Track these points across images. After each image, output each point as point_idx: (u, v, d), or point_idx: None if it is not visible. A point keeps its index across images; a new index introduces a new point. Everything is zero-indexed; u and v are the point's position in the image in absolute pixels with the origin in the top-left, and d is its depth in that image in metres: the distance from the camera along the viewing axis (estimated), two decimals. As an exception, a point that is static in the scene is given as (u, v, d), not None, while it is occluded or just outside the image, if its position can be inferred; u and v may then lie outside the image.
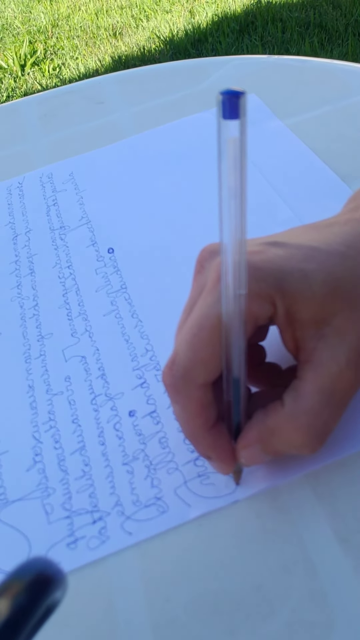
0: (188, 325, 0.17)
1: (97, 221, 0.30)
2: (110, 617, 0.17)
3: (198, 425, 0.17)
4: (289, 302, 0.16)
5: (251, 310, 0.16)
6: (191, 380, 0.16)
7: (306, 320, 0.16)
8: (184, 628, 0.16)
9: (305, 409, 0.16)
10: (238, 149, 0.13)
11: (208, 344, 0.16)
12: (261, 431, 0.17)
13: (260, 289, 0.16)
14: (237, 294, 0.15)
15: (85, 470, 0.20)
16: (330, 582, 0.16)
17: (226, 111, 0.12)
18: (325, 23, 1.40)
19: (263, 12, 1.50)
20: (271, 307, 0.16)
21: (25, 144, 0.38)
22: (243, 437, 0.17)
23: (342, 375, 0.16)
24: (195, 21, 1.59)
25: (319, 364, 0.16)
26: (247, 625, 0.16)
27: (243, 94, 0.12)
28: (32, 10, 1.96)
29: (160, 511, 0.18)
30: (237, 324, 0.16)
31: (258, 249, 0.17)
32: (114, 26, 1.72)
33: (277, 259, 0.16)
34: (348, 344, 0.16)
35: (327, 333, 0.16)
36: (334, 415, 0.16)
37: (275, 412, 0.16)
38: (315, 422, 0.16)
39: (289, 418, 0.16)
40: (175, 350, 0.17)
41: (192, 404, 0.16)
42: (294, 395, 0.16)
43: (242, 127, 0.12)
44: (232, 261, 0.15)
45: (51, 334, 0.25)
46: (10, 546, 0.18)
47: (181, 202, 0.30)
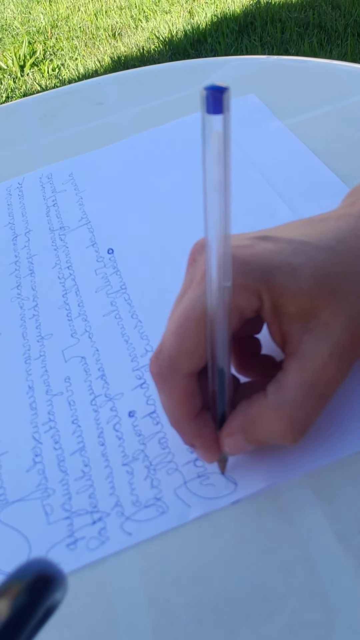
0: (175, 316, 0.17)
1: (96, 222, 0.30)
2: (110, 617, 0.17)
3: (183, 413, 0.17)
4: (275, 296, 0.16)
5: (237, 303, 0.16)
6: (176, 369, 0.16)
7: (292, 314, 0.16)
8: (184, 628, 0.16)
9: (288, 400, 0.16)
10: (222, 143, 0.13)
11: (193, 334, 0.16)
12: (244, 421, 0.17)
13: (247, 282, 0.16)
14: (222, 286, 0.15)
15: (85, 471, 0.20)
16: (331, 582, 0.16)
17: (210, 106, 0.12)
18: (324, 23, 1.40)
19: (262, 12, 1.51)
20: (257, 301, 0.16)
21: (24, 145, 0.38)
22: (227, 426, 0.17)
23: (325, 368, 0.16)
24: (195, 22, 1.59)
25: (302, 357, 0.16)
26: (247, 626, 0.16)
27: (227, 89, 0.12)
28: (32, 11, 1.97)
29: (160, 512, 0.18)
30: (221, 315, 0.16)
31: (247, 242, 0.17)
32: (113, 27, 1.72)
33: (265, 252, 0.17)
34: (333, 337, 0.16)
35: (313, 327, 0.16)
36: (315, 407, 0.17)
37: (259, 402, 0.17)
38: (296, 413, 0.16)
39: (271, 408, 0.16)
40: (162, 340, 0.17)
41: (177, 393, 0.17)
42: (277, 386, 0.17)
43: (226, 121, 0.13)
44: (217, 254, 0.15)
45: (51, 334, 0.25)
46: (10, 547, 0.18)
47: (181, 202, 0.30)
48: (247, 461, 0.19)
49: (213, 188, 0.14)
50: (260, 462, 0.19)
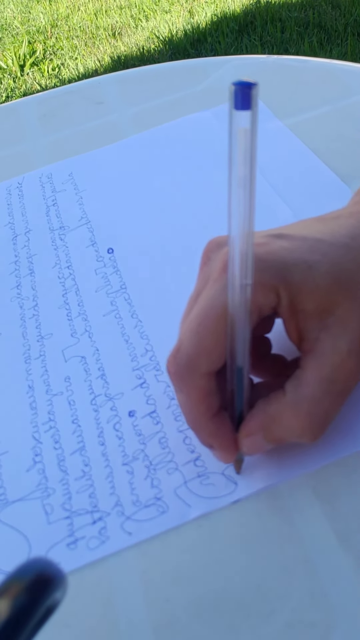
0: (193, 315, 0.17)
1: (96, 221, 0.30)
2: (110, 617, 0.17)
3: (201, 413, 0.17)
4: (292, 293, 0.16)
5: (255, 301, 0.16)
6: (195, 368, 0.16)
7: (309, 311, 0.16)
8: (184, 628, 0.16)
9: (307, 397, 0.16)
10: (249, 139, 0.13)
11: (213, 333, 0.16)
12: (263, 419, 0.17)
13: (265, 280, 0.16)
14: (244, 284, 0.15)
15: (85, 471, 0.20)
16: (331, 582, 0.16)
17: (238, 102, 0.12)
18: (324, 23, 1.40)
19: (262, 12, 1.50)
20: (275, 298, 0.16)
21: (24, 144, 0.38)
22: (245, 425, 0.17)
23: (343, 365, 0.16)
24: (195, 21, 1.59)
25: (321, 354, 0.16)
26: (247, 625, 0.16)
27: (255, 85, 0.12)
28: (31, 10, 1.96)
29: (160, 511, 0.18)
30: (242, 313, 0.16)
31: (263, 240, 0.17)
32: (113, 26, 1.72)
33: (281, 250, 0.17)
34: (350, 334, 0.16)
35: (330, 323, 0.16)
36: (334, 404, 0.17)
37: (277, 400, 0.17)
38: (316, 410, 0.16)
39: (290, 406, 0.16)
40: (180, 339, 0.17)
41: (196, 393, 0.17)
42: (295, 383, 0.17)
43: (253, 117, 0.13)
44: (240, 251, 0.15)
45: (51, 334, 0.25)
46: (10, 546, 0.18)
47: (181, 202, 0.30)
48: (247, 461, 0.19)
49: (238, 184, 0.14)
50: (261, 462, 0.19)
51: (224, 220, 0.15)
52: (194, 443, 0.20)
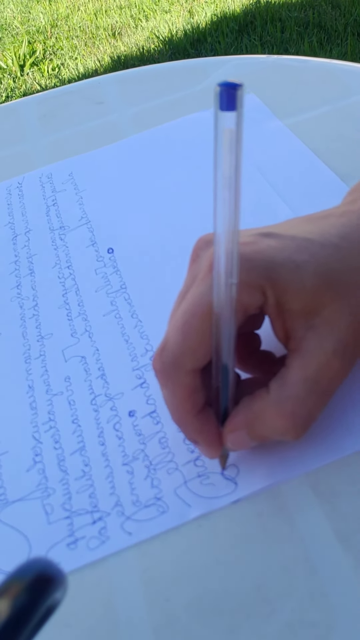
0: (180, 313, 0.17)
1: (96, 221, 0.30)
2: (110, 617, 0.17)
3: (186, 409, 0.17)
4: (279, 293, 0.16)
5: (241, 300, 0.16)
6: (180, 366, 0.17)
7: (296, 311, 0.16)
8: (185, 628, 0.16)
9: (290, 396, 0.16)
10: (234, 140, 0.13)
11: (198, 331, 0.16)
12: (247, 416, 0.17)
13: (251, 279, 0.16)
14: (229, 283, 0.15)
15: (85, 471, 0.20)
16: (331, 582, 0.16)
17: (223, 103, 0.12)
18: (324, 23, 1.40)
19: (262, 12, 1.50)
20: (261, 297, 0.16)
21: (24, 144, 0.38)
22: (230, 421, 0.17)
23: (328, 365, 0.16)
24: (195, 21, 1.59)
25: (306, 353, 0.16)
26: (247, 625, 0.16)
27: (240, 86, 0.12)
28: (31, 10, 1.96)
29: (160, 511, 0.18)
30: (227, 312, 0.16)
31: (251, 239, 0.17)
32: (113, 26, 1.72)
33: (269, 249, 0.17)
34: (336, 334, 0.16)
35: (316, 323, 0.16)
36: (318, 403, 0.17)
37: (261, 398, 0.17)
38: (299, 409, 0.16)
39: (273, 404, 0.16)
40: (165, 337, 0.17)
41: (181, 390, 0.17)
42: (280, 382, 0.17)
43: (239, 118, 0.13)
44: (225, 250, 0.15)
45: (51, 334, 0.25)
46: (10, 546, 0.18)
47: (181, 202, 0.30)
48: (247, 461, 0.19)
49: (223, 185, 0.14)
50: (260, 461, 0.19)
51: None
52: (194, 443, 0.20)
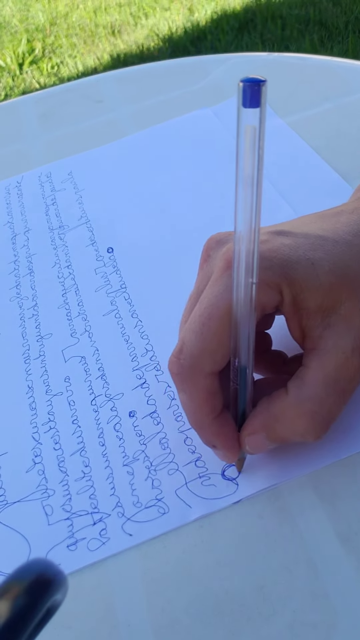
0: (196, 314, 0.16)
1: (96, 220, 0.30)
2: (110, 619, 0.16)
3: (205, 413, 0.17)
4: (295, 291, 0.16)
5: (259, 299, 0.16)
6: (199, 369, 0.16)
7: (313, 309, 0.16)
8: (185, 630, 0.16)
9: (310, 396, 0.16)
10: (256, 137, 0.13)
11: (216, 333, 0.16)
12: (266, 418, 0.17)
13: (268, 278, 0.16)
14: (249, 283, 0.15)
15: (85, 472, 0.20)
16: (332, 583, 0.16)
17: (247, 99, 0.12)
18: (325, 20, 1.39)
19: (262, 9, 1.50)
20: (278, 296, 0.16)
21: (23, 143, 0.38)
22: (248, 424, 0.17)
23: (347, 363, 0.16)
24: (195, 19, 1.58)
25: (324, 352, 0.16)
26: (248, 627, 0.16)
27: (264, 82, 0.12)
28: (30, 8, 1.96)
29: (160, 512, 0.18)
30: (247, 313, 0.16)
31: (264, 238, 0.17)
32: (113, 24, 1.71)
33: (284, 248, 0.17)
34: (354, 332, 0.16)
35: (333, 321, 0.16)
36: (338, 403, 0.16)
37: (280, 399, 0.17)
38: (319, 409, 0.16)
39: (293, 405, 0.16)
40: (182, 339, 0.17)
41: (199, 393, 0.16)
42: (298, 382, 0.16)
43: (262, 115, 0.13)
44: (246, 250, 0.15)
45: (50, 334, 0.25)
46: (10, 548, 0.18)
47: (181, 200, 0.30)
48: (248, 462, 0.19)
49: (245, 182, 0.14)
50: (262, 462, 0.18)
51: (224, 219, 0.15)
52: (195, 444, 0.20)
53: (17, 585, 0.12)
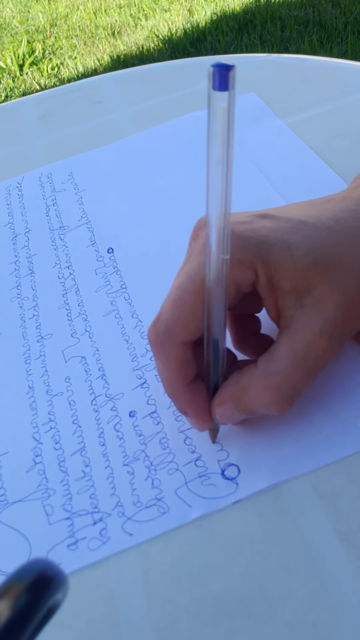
0: (174, 287, 0.17)
1: (96, 221, 0.30)
2: (111, 618, 0.16)
3: (177, 380, 0.18)
4: (270, 271, 0.17)
5: (234, 277, 0.17)
6: (172, 338, 0.17)
7: (287, 290, 0.17)
8: (186, 629, 0.16)
9: (276, 371, 0.17)
10: (226, 118, 0.14)
11: (190, 305, 0.17)
12: (235, 390, 0.18)
13: (243, 257, 0.17)
14: (220, 259, 0.16)
15: (85, 471, 0.20)
16: (333, 583, 0.16)
17: (216, 83, 0.13)
18: (324, 21, 1.39)
19: (262, 10, 1.50)
20: (253, 275, 0.17)
21: (24, 144, 0.38)
22: (218, 394, 0.18)
23: (315, 343, 0.17)
24: (194, 20, 1.59)
25: (295, 331, 0.17)
26: (249, 627, 0.16)
27: (233, 67, 0.13)
28: (30, 9, 1.96)
29: (161, 512, 0.18)
30: (219, 287, 0.16)
31: (246, 219, 0.18)
32: (113, 25, 1.72)
33: (263, 229, 0.17)
34: (325, 313, 0.17)
35: (306, 303, 0.17)
36: (303, 380, 0.17)
37: (250, 372, 0.17)
38: (284, 383, 0.17)
39: (260, 378, 0.17)
40: (160, 309, 0.18)
41: (172, 360, 0.17)
42: (268, 357, 0.17)
43: (231, 98, 0.13)
44: (217, 226, 0.15)
45: (51, 334, 0.25)
46: (11, 548, 0.18)
47: (181, 201, 0.30)
48: (248, 461, 0.19)
49: (216, 162, 0.14)
50: (262, 461, 0.19)
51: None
52: (195, 443, 0.20)
53: (18, 585, 0.12)
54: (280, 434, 0.19)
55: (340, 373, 0.20)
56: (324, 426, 0.19)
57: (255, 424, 0.19)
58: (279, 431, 0.19)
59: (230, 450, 0.19)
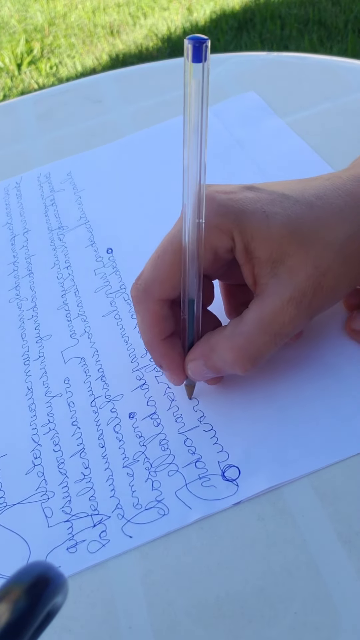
0: (157, 248, 0.19)
1: (95, 221, 0.30)
2: (111, 621, 0.16)
3: (153, 334, 0.19)
4: (247, 239, 0.18)
5: (211, 242, 0.18)
6: (150, 294, 0.18)
7: (263, 258, 0.18)
8: (186, 632, 0.16)
9: (242, 332, 0.18)
10: (200, 88, 0.15)
11: (168, 264, 0.18)
12: (205, 348, 0.19)
13: (221, 223, 0.18)
14: (196, 222, 0.17)
15: (85, 473, 0.20)
16: (334, 585, 0.16)
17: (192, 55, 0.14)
18: (324, 20, 1.39)
19: (262, 9, 1.50)
20: (230, 241, 0.18)
21: (22, 144, 0.38)
22: (190, 351, 0.19)
23: (282, 310, 0.17)
24: (193, 18, 1.58)
25: (265, 297, 0.18)
26: (249, 629, 0.16)
27: (207, 40, 0.14)
28: (29, 8, 1.96)
29: (160, 514, 0.18)
30: (194, 249, 0.17)
31: (231, 190, 0.18)
32: (111, 24, 1.71)
33: (244, 199, 0.18)
34: (296, 283, 0.17)
35: (279, 272, 0.18)
36: (268, 343, 0.18)
37: (219, 332, 0.19)
38: (247, 344, 0.18)
39: (226, 338, 0.18)
40: (143, 269, 0.19)
41: (149, 315, 0.19)
42: (237, 320, 0.18)
43: (205, 69, 0.15)
44: (192, 191, 0.17)
45: (50, 335, 0.25)
46: (10, 550, 0.18)
47: (180, 201, 0.30)
48: (248, 462, 0.19)
49: (191, 129, 0.16)
50: (262, 463, 0.18)
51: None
52: (195, 445, 0.19)
53: (17, 588, 0.12)
54: (280, 435, 0.19)
55: (341, 374, 0.20)
56: (324, 427, 0.19)
57: (256, 424, 0.19)
58: (280, 432, 0.19)
59: (231, 452, 0.19)
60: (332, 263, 0.17)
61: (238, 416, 0.20)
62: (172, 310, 0.19)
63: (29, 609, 0.12)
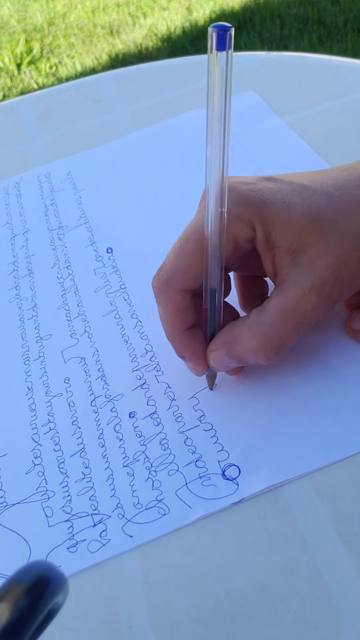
0: (178, 239, 0.19)
1: (95, 221, 0.30)
2: (111, 620, 0.16)
3: (175, 325, 0.19)
4: (268, 229, 0.18)
5: (232, 232, 0.18)
6: (172, 284, 0.19)
7: (283, 248, 0.18)
8: (186, 631, 0.16)
9: (265, 321, 0.18)
10: (224, 76, 0.15)
11: (190, 254, 0.18)
12: (227, 337, 0.19)
13: (242, 213, 0.18)
14: (218, 211, 0.17)
15: (85, 473, 0.20)
16: (335, 584, 0.16)
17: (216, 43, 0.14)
18: (324, 19, 1.39)
19: (261, 8, 1.50)
20: (251, 231, 0.18)
21: (22, 144, 0.38)
22: (212, 341, 0.19)
23: (304, 298, 0.18)
24: (193, 18, 1.58)
25: (286, 287, 0.18)
26: (250, 628, 0.16)
27: (231, 27, 0.14)
28: (28, 8, 1.95)
29: (161, 513, 0.18)
30: (216, 239, 0.18)
31: (251, 181, 0.19)
32: (111, 24, 1.71)
33: (264, 190, 0.18)
34: (316, 272, 0.17)
35: (300, 262, 0.18)
36: (290, 332, 0.18)
37: (241, 322, 0.19)
38: (270, 333, 0.18)
39: (249, 327, 0.18)
40: (165, 259, 0.19)
41: (171, 306, 0.19)
42: (259, 309, 0.18)
43: (229, 57, 0.15)
44: (215, 179, 0.17)
45: (50, 335, 0.25)
46: (10, 550, 0.18)
47: (180, 200, 0.30)
48: (249, 461, 0.19)
49: (215, 117, 0.15)
50: (262, 462, 0.18)
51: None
52: (195, 444, 0.19)
53: (18, 588, 0.12)
54: (280, 434, 0.19)
55: (341, 374, 0.20)
56: (324, 426, 0.19)
57: (256, 423, 0.19)
58: (280, 431, 0.19)
59: (231, 451, 0.19)
60: (352, 252, 0.17)
61: (238, 415, 0.20)
62: (194, 301, 0.19)
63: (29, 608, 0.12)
